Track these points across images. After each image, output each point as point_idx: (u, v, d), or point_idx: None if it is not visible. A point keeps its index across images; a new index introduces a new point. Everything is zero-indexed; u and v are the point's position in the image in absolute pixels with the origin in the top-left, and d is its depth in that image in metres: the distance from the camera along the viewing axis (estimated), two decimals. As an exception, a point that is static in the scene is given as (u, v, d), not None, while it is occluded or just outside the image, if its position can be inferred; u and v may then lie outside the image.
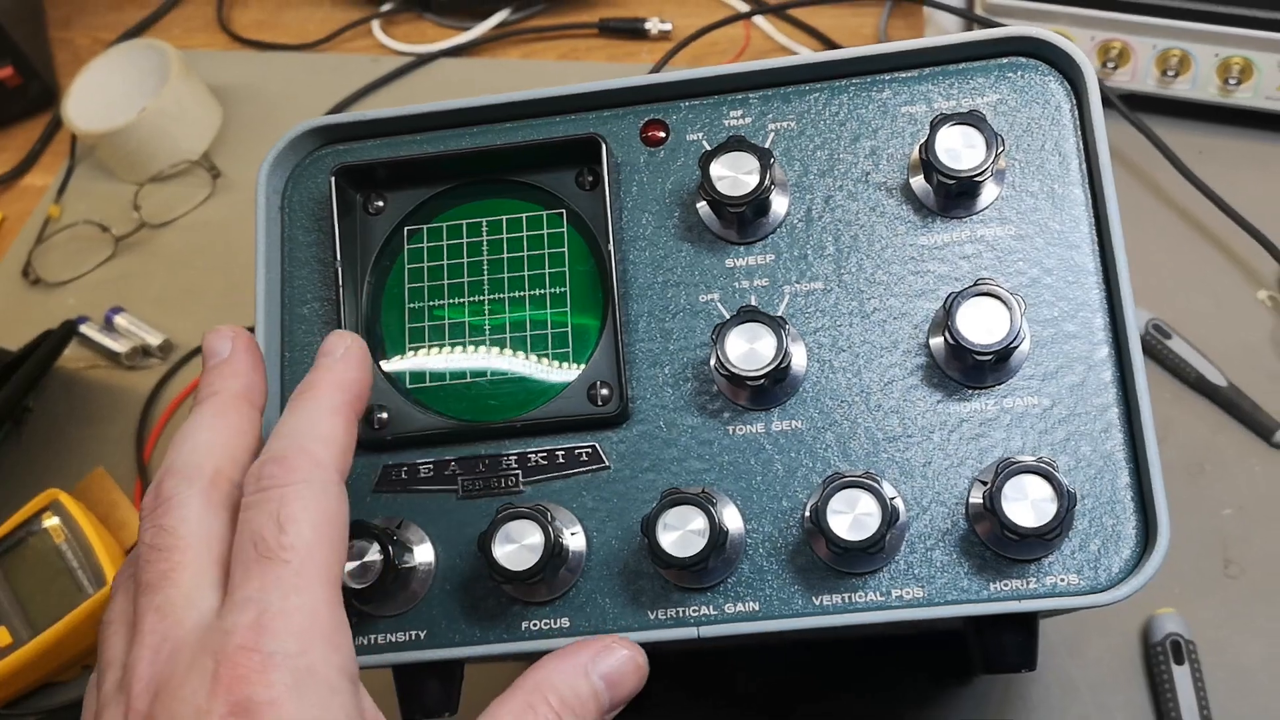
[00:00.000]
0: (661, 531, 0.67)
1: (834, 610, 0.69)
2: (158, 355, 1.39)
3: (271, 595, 0.53)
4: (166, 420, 1.35)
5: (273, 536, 0.54)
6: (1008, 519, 0.64)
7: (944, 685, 1.10)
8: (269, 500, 0.56)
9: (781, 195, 0.74)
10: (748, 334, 0.69)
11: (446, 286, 0.77)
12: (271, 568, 0.54)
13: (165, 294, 1.44)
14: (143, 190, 1.51)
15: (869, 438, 0.71)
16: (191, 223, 1.50)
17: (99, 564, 1.17)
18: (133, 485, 1.31)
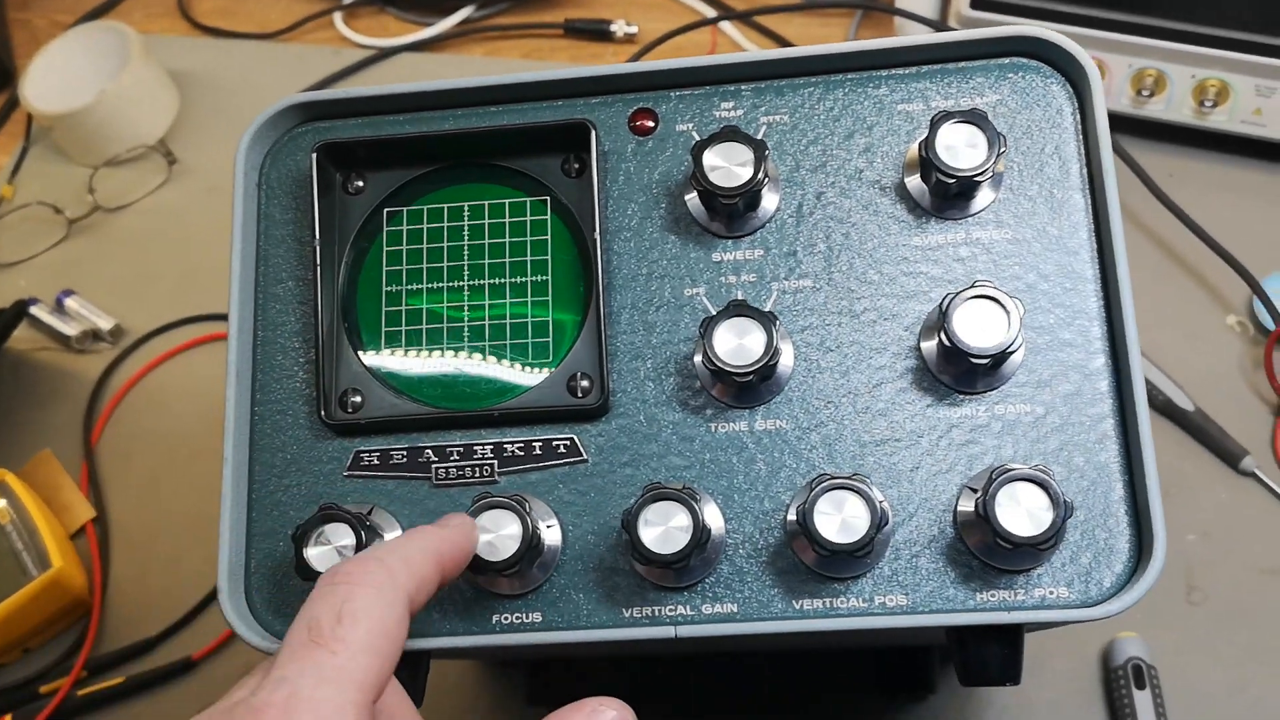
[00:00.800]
0: (643, 527, 0.65)
1: (815, 615, 0.68)
2: (108, 340, 1.36)
3: (306, 680, 0.52)
4: (115, 405, 1.31)
5: (328, 625, 0.54)
6: (1001, 527, 0.62)
7: (898, 700, 1.09)
8: (335, 593, 0.55)
9: (772, 190, 0.72)
10: (736, 329, 0.68)
11: (425, 271, 0.75)
12: (316, 654, 0.53)
13: (117, 279, 1.41)
14: (98, 174, 1.47)
15: (855, 440, 0.69)
16: (146, 208, 1.47)
17: (44, 547, 1.14)
18: (79, 469, 1.28)
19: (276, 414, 0.74)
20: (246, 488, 0.73)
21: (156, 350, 1.35)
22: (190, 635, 1.18)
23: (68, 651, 1.18)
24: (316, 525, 0.68)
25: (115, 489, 1.27)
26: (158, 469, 1.28)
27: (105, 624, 1.20)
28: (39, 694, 1.16)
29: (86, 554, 1.22)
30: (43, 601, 1.14)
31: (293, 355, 0.74)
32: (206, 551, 1.19)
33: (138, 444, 1.30)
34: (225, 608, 0.70)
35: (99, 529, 1.24)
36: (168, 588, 1.21)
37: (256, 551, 0.72)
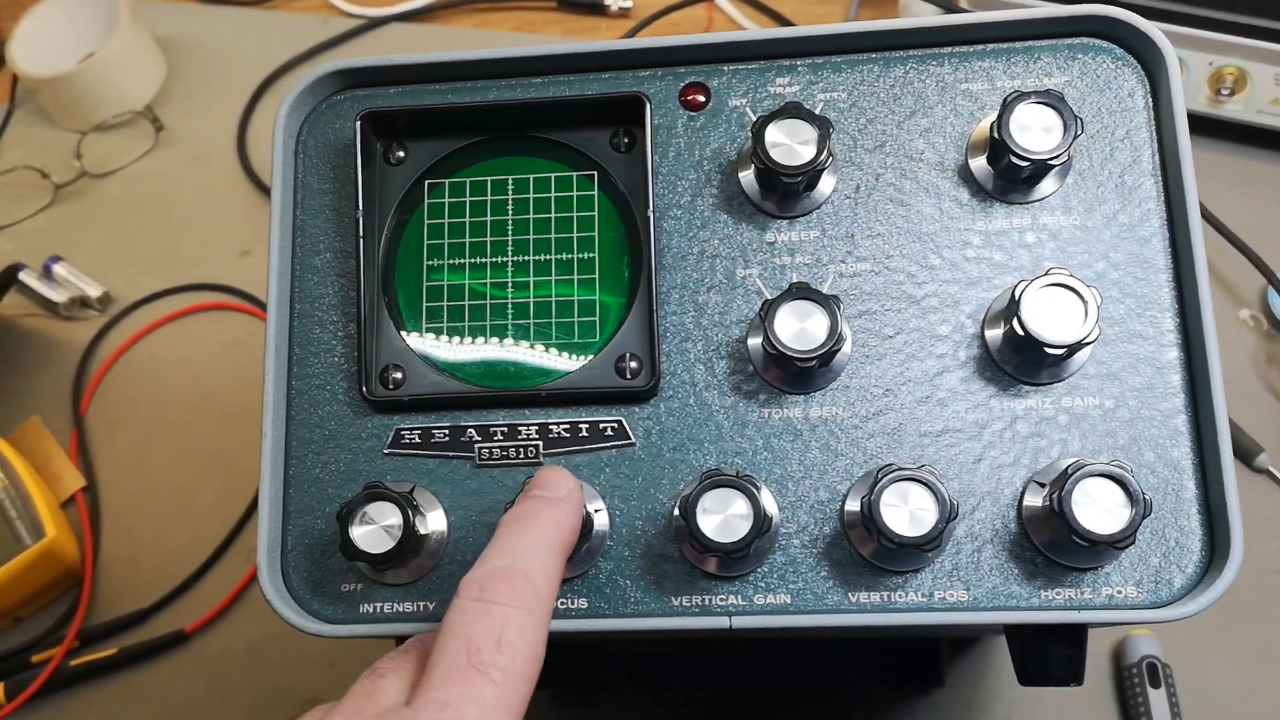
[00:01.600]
0: (701, 515, 0.63)
1: (872, 609, 0.66)
2: (96, 307, 1.33)
3: (469, 708, 0.52)
4: (104, 373, 1.28)
5: (489, 650, 0.54)
6: (1078, 524, 0.60)
7: (905, 694, 1.07)
8: (492, 615, 0.55)
9: (830, 170, 0.70)
10: (798, 312, 0.66)
11: (468, 245, 0.72)
12: (478, 680, 0.53)
13: (105, 246, 1.38)
14: (85, 139, 1.43)
15: (916, 430, 0.67)
16: (133, 175, 1.43)
17: (38, 515, 1.12)
18: (68, 437, 1.24)
19: (314, 389, 0.71)
20: (284, 464, 0.70)
21: (145, 319, 1.32)
22: (183, 607, 1.16)
23: (59, 621, 1.15)
24: (362, 504, 0.65)
25: (105, 458, 1.24)
26: (147, 439, 1.25)
27: (96, 594, 1.17)
28: (31, 663, 1.13)
29: (76, 523, 1.19)
30: (36, 571, 1.11)
31: (331, 329, 0.72)
32: (196, 523, 1.17)
33: (127, 413, 1.26)
34: (264, 586, 0.68)
35: (89, 498, 1.21)
36: (158, 559, 1.18)
37: (293, 529, 0.70)
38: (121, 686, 1.12)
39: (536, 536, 0.60)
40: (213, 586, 1.16)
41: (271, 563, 0.69)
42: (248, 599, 1.15)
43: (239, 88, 1.47)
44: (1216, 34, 1.19)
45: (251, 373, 1.26)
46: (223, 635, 1.14)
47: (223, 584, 1.16)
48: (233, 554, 1.17)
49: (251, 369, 1.27)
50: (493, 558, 0.58)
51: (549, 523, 0.61)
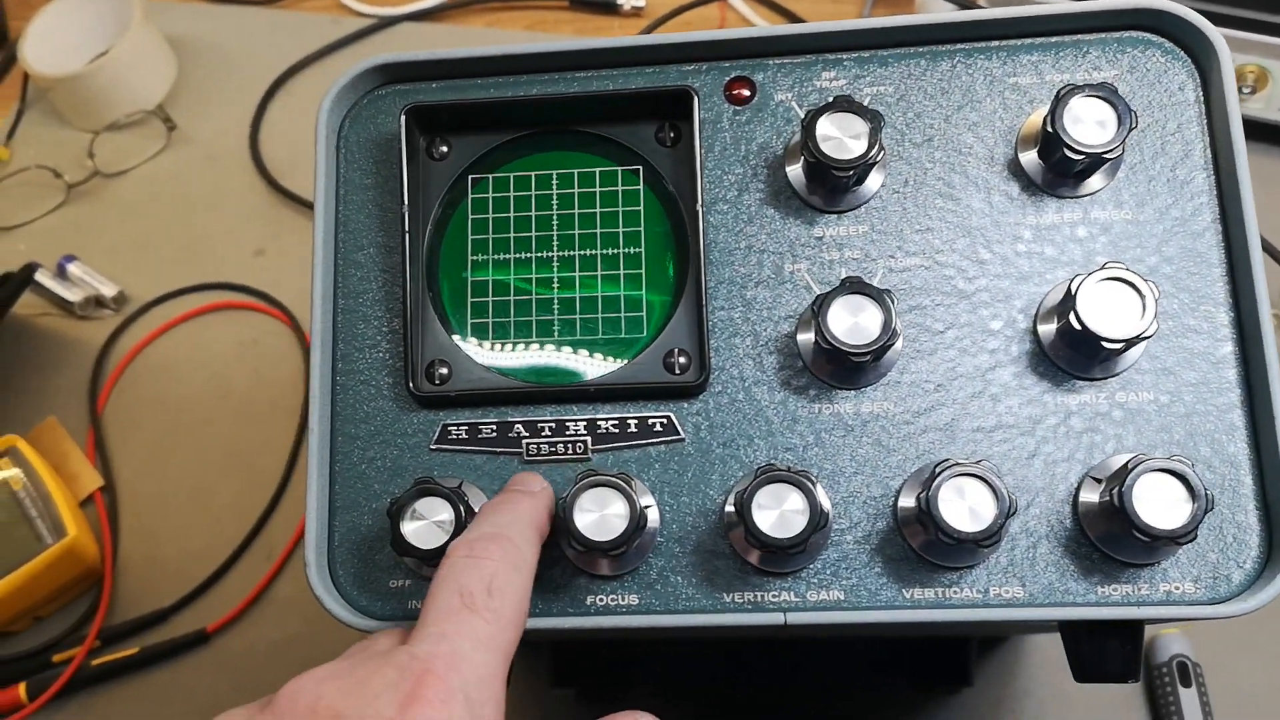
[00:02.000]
0: (757, 511, 0.63)
1: (926, 605, 0.65)
2: (111, 307, 1.32)
3: (464, 641, 0.56)
4: (120, 372, 1.27)
5: (480, 595, 0.57)
6: (1140, 519, 0.60)
7: (932, 694, 1.07)
8: (482, 565, 0.59)
9: (878, 164, 0.70)
10: (851, 306, 0.65)
11: (512, 240, 0.72)
12: (470, 619, 0.57)
13: (119, 245, 1.37)
14: (97, 138, 1.43)
15: (970, 425, 0.67)
16: (146, 174, 1.43)
17: (58, 514, 1.11)
18: (84, 436, 1.24)
19: (359, 385, 0.71)
20: (329, 460, 0.70)
21: (160, 318, 1.31)
22: (204, 606, 1.15)
23: (79, 621, 1.14)
24: (412, 499, 0.65)
25: (122, 458, 1.23)
26: (165, 438, 1.24)
27: (116, 594, 1.16)
28: (51, 663, 1.12)
29: (95, 523, 1.18)
30: (57, 570, 1.10)
31: (375, 325, 0.71)
32: (216, 522, 1.17)
33: (144, 412, 1.26)
34: (312, 582, 0.67)
35: (107, 498, 1.20)
36: (178, 558, 1.17)
37: (340, 525, 0.69)
38: (143, 686, 1.12)
39: (517, 513, 0.63)
40: (233, 586, 1.15)
41: (319, 558, 0.68)
42: (269, 598, 1.14)
43: (250, 87, 1.47)
44: (1237, 31, 1.19)
45: (268, 372, 1.27)
46: (245, 635, 1.13)
47: (244, 583, 1.15)
48: (253, 553, 1.17)
49: (268, 368, 1.27)
50: (478, 526, 0.62)
51: (527, 505, 0.64)
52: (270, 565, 1.15)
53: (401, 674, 0.54)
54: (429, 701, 0.53)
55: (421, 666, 0.54)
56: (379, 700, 0.53)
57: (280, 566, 1.15)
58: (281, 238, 1.34)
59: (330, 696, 0.54)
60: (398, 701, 0.52)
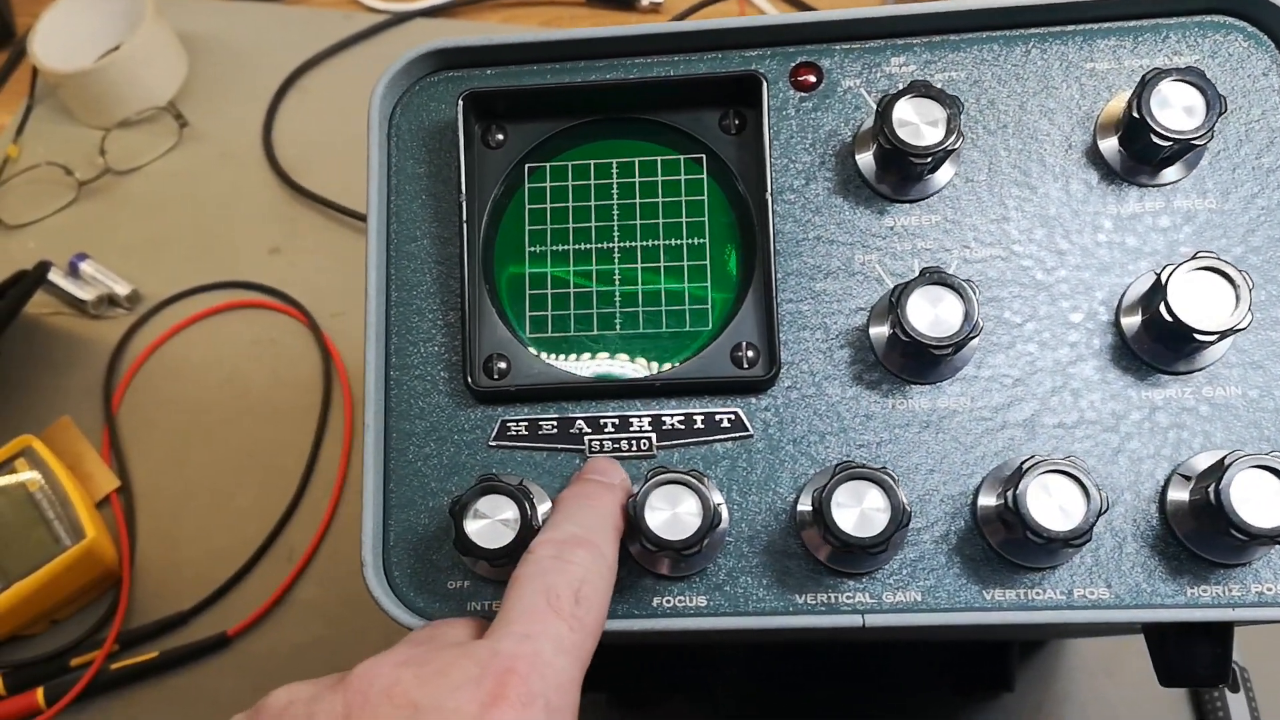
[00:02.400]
0: (836, 509, 0.60)
1: (1009, 607, 0.63)
2: (125, 306, 1.29)
3: (547, 644, 0.54)
4: (135, 372, 1.24)
5: (568, 600, 0.56)
6: (1238, 517, 0.58)
7: (971, 699, 1.05)
8: (572, 569, 0.57)
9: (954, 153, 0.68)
10: (931, 297, 0.63)
11: (571, 231, 0.69)
12: (555, 622, 0.55)
13: (131, 243, 1.34)
14: (108, 135, 1.40)
15: (1050, 421, 0.65)
16: (157, 171, 1.40)
17: (77, 516, 1.08)
18: (99, 436, 1.21)
19: (414, 379, 0.68)
20: (384, 457, 0.67)
21: (175, 317, 1.28)
22: (225, 609, 1.12)
23: (97, 624, 1.12)
24: (475, 497, 0.62)
25: (138, 458, 1.20)
26: (181, 438, 1.21)
27: (134, 597, 1.13)
28: (69, 667, 1.09)
29: (112, 524, 1.15)
30: (76, 572, 1.07)
31: (430, 318, 0.69)
32: (235, 524, 1.14)
33: (160, 412, 1.23)
34: (369, 583, 0.65)
35: (123, 499, 1.17)
36: (196, 560, 1.14)
37: (395, 524, 0.67)
38: (164, 690, 1.09)
39: (601, 512, 0.61)
40: (254, 588, 1.13)
41: (375, 559, 0.66)
42: (291, 601, 1.12)
43: (263, 84, 1.44)
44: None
45: (285, 372, 1.24)
46: (266, 638, 1.11)
47: (265, 586, 1.12)
48: (274, 555, 1.14)
49: (285, 368, 1.24)
50: (563, 524, 0.59)
51: (609, 502, 0.62)
52: (292, 567, 1.12)
53: (483, 670, 0.52)
54: (511, 702, 0.51)
55: (504, 665, 0.52)
56: (459, 694, 0.51)
57: (302, 568, 1.12)
58: (297, 236, 1.31)
59: (407, 683, 0.52)
60: (479, 699, 0.51)
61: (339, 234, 1.30)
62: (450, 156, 0.70)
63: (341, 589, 1.12)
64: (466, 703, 0.50)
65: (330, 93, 1.42)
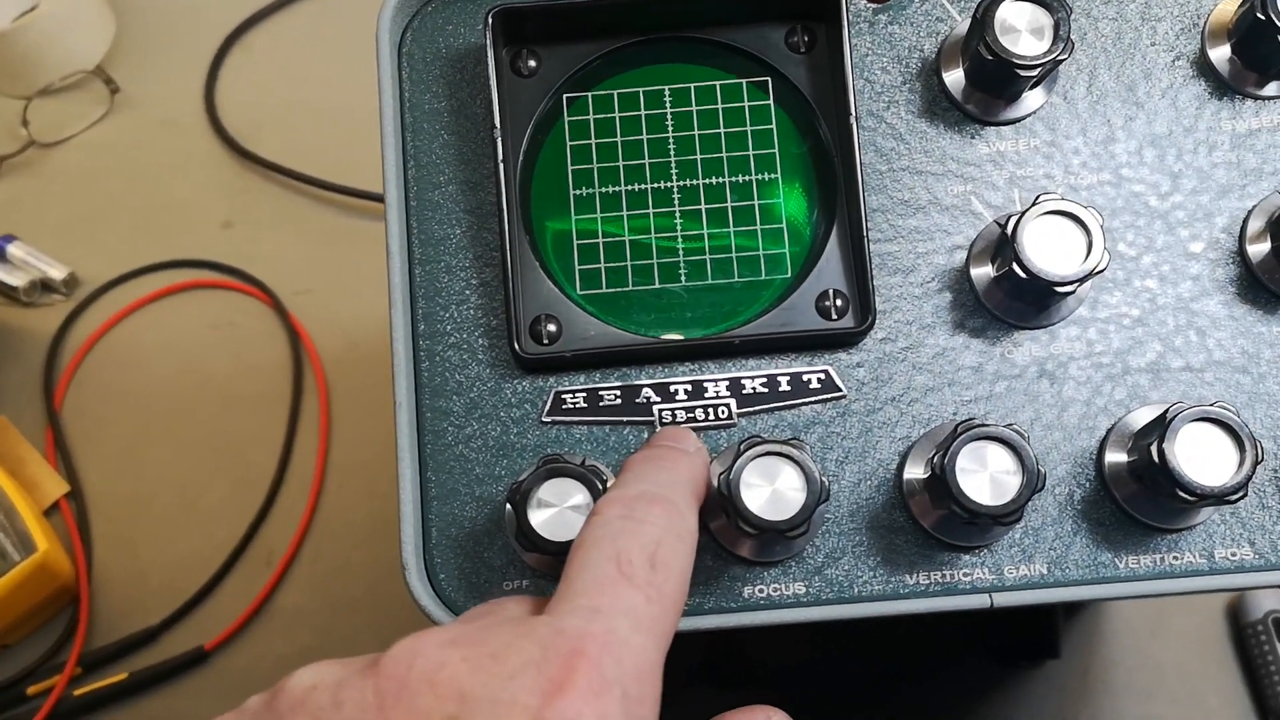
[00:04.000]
0: (962, 476, 0.52)
1: (1146, 576, 0.56)
2: (61, 291, 1.17)
3: (622, 620, 0.45)
4: (77, 364, 1.13)
5: (642, 565, 0.47)
6: None
7: (1015, 667, 0.98)
8: (643, 530, 0.48)
9: (1054, 66, 0.60)
10: (1048, 229, 0.55)
11: (622, 170, 0.60)
12: (630, 593, 0.46)
13: (64, 222, 1.22)
14: (30, 104, 1.28)
15: (1177, 363, 0.58)
16: (88, 142, 1.27)
17: (24, 528, 0.97)
18: (42, 437, 1.09)
19: (449, 349, 0.59)
20: (418, 441, 0.58)
21: (120, 301, 1.16)
22: (199, 621, 1.02)
23: (54, 646, 1.01)
24: (538, 482, 0.53)
25: (89, 459, 1.09)
26: (137, 435, 1.10)
27: (95, 614, 1.02)
28: (26, 696, 0.98)
29: (64, 534, 1.04)
30: (28, 590, 0.96)
31: (461, 277, 0.59)
32: (202, 526, 1.04)
33: (109, 407, 1.12)
34: (413, 589, 0.56)
35: (75, 506, 1.06)
36: (162, 569, 1.04)
37: (436, 517, 0.58)
38: (136, 715, 0.99)
39: (677, 473, 0.52)
40: (230, 597, 1.02)
41: (417, 560, 0.57)
42: (273, 609, 1.02)
43: (202, 43, 1.32)
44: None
45: (249, 356, 1.14)
46: (248, 651, 1.00)
47: (242, 593, 1.02)
48: (250, 559, 1.04)
49: (249, 352, 1.14)
50: (634, 483, 0.51)
51: (686, 465, 0.53)
52: (271, 571, 1.02)
53: (546, 652, 0.43)
54: (580, 692, 0.42)
55: (570, 645, 0.43)
56: (515, 682, 0.42)
57: (283, 572, 1.02)
58: (251, 208, 1.20)
59: (454, 667, 0.42)
60: (541, 687, 0.42)
61: (298, 204, 1.20)
62: (474, 88, 0.61)
63: (327, 593, 1.02)
64: (525, 693, 0.42)
65: (278, 51, 1.30)
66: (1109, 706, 0.98)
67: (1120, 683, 0.98)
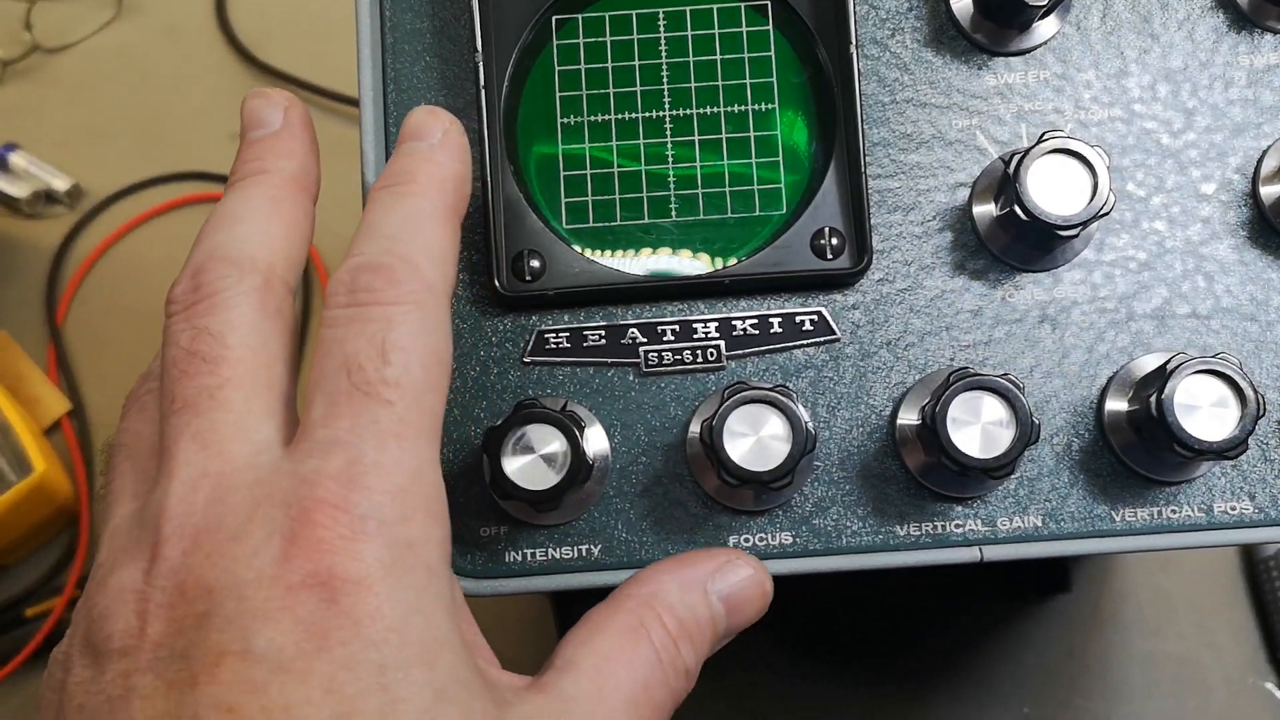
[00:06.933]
0: (953, 427, 0.51)
1: (1143, 530, 0.54)
2: (65, 202, 1.16)
3: (366, 442, 0.41)
4: (81, 278, 1.12)
5: (374, 367, 0.42)
6: None
7: (1025, 601, 0.97)
8: (369, 320, 0.43)
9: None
10: (1052, 168, 0.53)
11: (612, 97, 0.58)
12: (369, 406, 0.42)
13: (69, 131, 1.20)
14: (34, 7, 1.25)
15: (1184, 310, 0.55)
16: (94, 48, 1.25)
17: (21, 447, 0.96)
18: (44, 353, 1.08)
19: (430, 283, 0.57)
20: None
21: (125, 214, 1.15)
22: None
23: (53, 568, 1.00)
24: (514, 427, 0.52)
25: (91, 377, 1.08)
26: (141, 352, 1.08)
27: (94, 535, 1.02)
28: (24, 618, 0.98)
29: (64, 454, 1.04)
30: (24, 511, 0.95)
31: (444, 208, 0.57)
32: (203, 446, 1.03)
33: (114, 323, 1.10)
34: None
35: (76, 424, 1.05)
36: (163, 489, 1.03)
37: (413, 461, 0.56)
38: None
39: (413, 208, 0.47)
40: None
41: (393, 501, 0.55)
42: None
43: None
44: None
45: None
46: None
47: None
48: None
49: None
50: (361, 247, 0.46)
51: (427, 184, 0.48)
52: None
53: (288, 511, 0.40)
54: (328, 545, 0.39)
55: (309, 495, 0.40)
56: (260, 558, 0.39)
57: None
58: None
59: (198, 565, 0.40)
60: (286, 553, 0.39)
61: (310, 117, 1.17)
62: (458, 7, 0.58)
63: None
64: (270, 566, 0.39)
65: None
66: (1117, 641, 0.97)
67: (1130, 617, 0.97)
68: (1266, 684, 0.94)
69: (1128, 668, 0.96)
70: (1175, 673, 0.96)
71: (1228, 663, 0.95)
